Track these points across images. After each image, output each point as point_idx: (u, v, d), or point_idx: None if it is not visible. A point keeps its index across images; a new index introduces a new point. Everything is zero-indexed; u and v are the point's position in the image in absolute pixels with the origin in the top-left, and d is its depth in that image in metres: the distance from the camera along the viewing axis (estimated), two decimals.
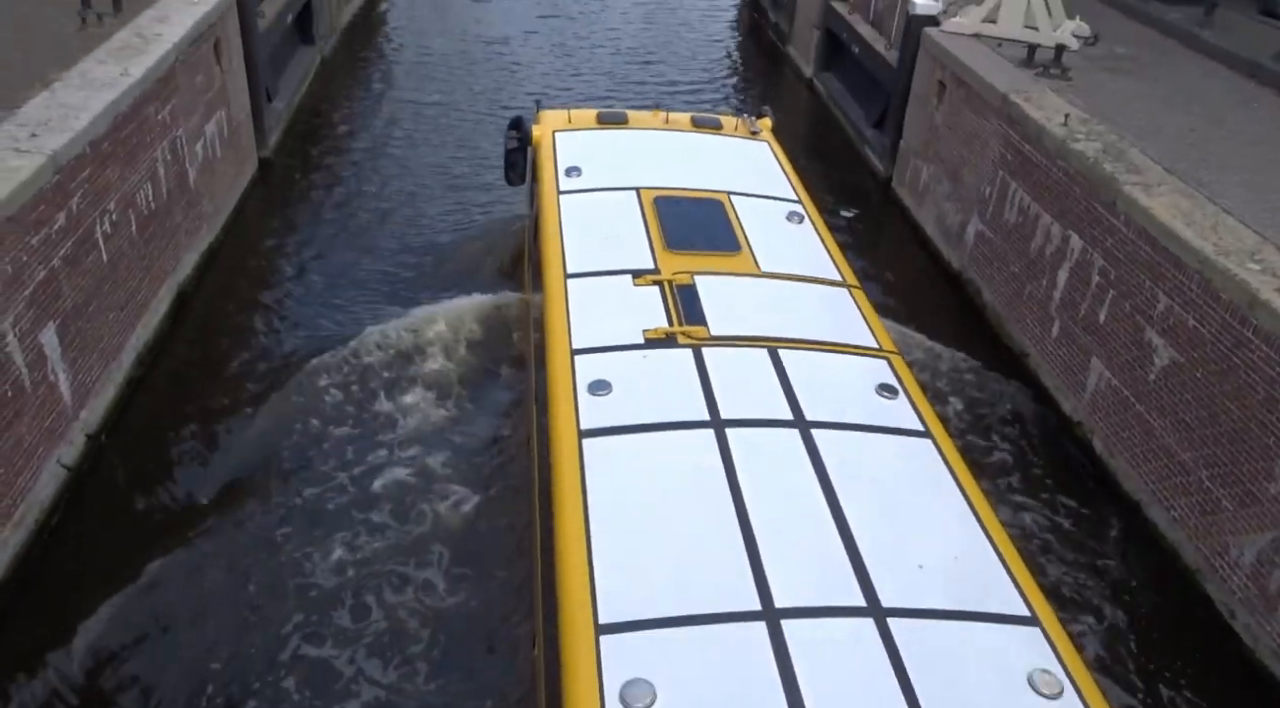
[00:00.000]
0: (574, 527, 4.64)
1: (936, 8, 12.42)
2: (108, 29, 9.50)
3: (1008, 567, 4.61)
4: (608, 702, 3.77)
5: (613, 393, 5.56)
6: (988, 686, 3.98)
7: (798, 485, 4.93)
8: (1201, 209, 7.80)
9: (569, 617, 4.24)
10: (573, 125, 9.04)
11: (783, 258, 7.16)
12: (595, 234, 7.26)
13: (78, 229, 7.45)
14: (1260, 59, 11.07)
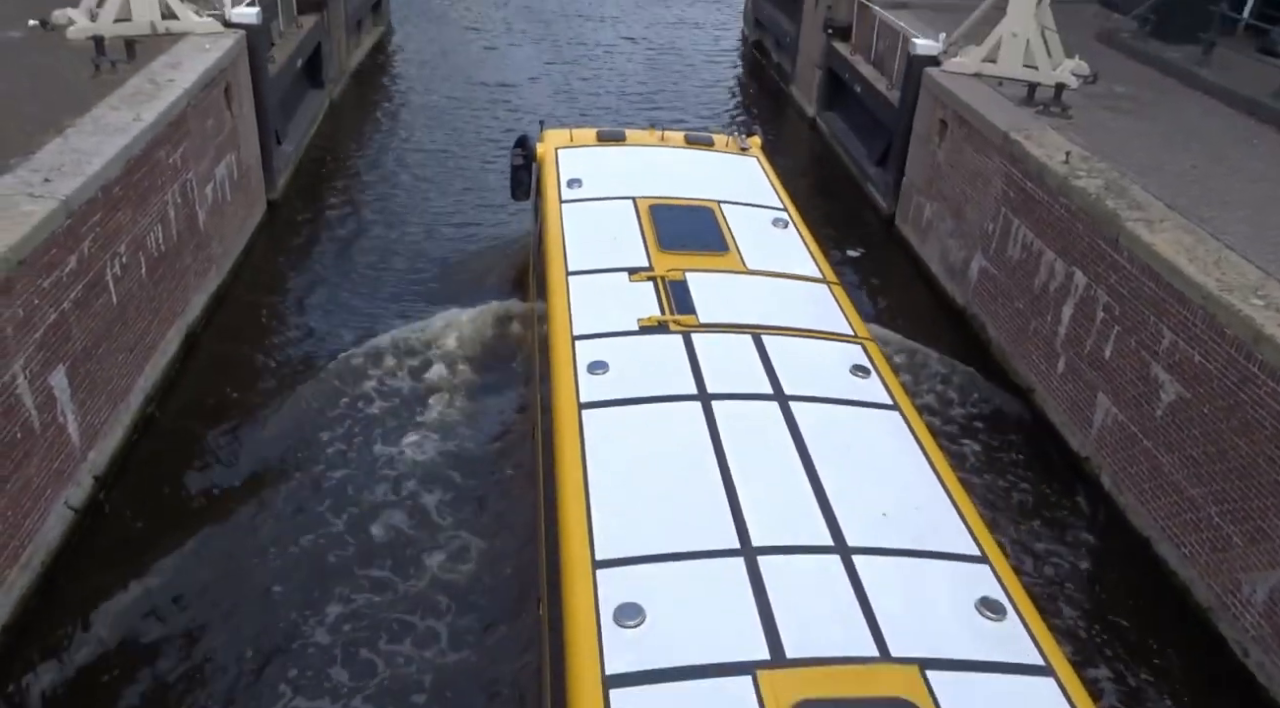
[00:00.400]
0: (574, 481, 5.15)
1: (937, 48, 12.56)
2: (121, 75, 9.67)
3: (963, 516, 5.10)
4: (603, 621, 4.28)
5: (610, 372, 6.06)
6: (940, 610, 4.47)
7: (775, 448, 5.43)
8: (1204, 245, 7.84)
9: (570, 554, 4.73)
10: (574, 143, 9.61)
11: (768, 257, 7.68)
12: (594, 237, 7.78)
13: (88, 272, 7.53)
14: (1259, 97, 11.17)
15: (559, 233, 7.91)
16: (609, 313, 6.73)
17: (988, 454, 9.04)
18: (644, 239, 7.67)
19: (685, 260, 7.35)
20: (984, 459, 8.96)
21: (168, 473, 8.13)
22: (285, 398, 9.20)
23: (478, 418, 8.92)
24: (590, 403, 5.78)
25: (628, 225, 7.90)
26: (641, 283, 7.07)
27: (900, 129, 13.26)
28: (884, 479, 5.36)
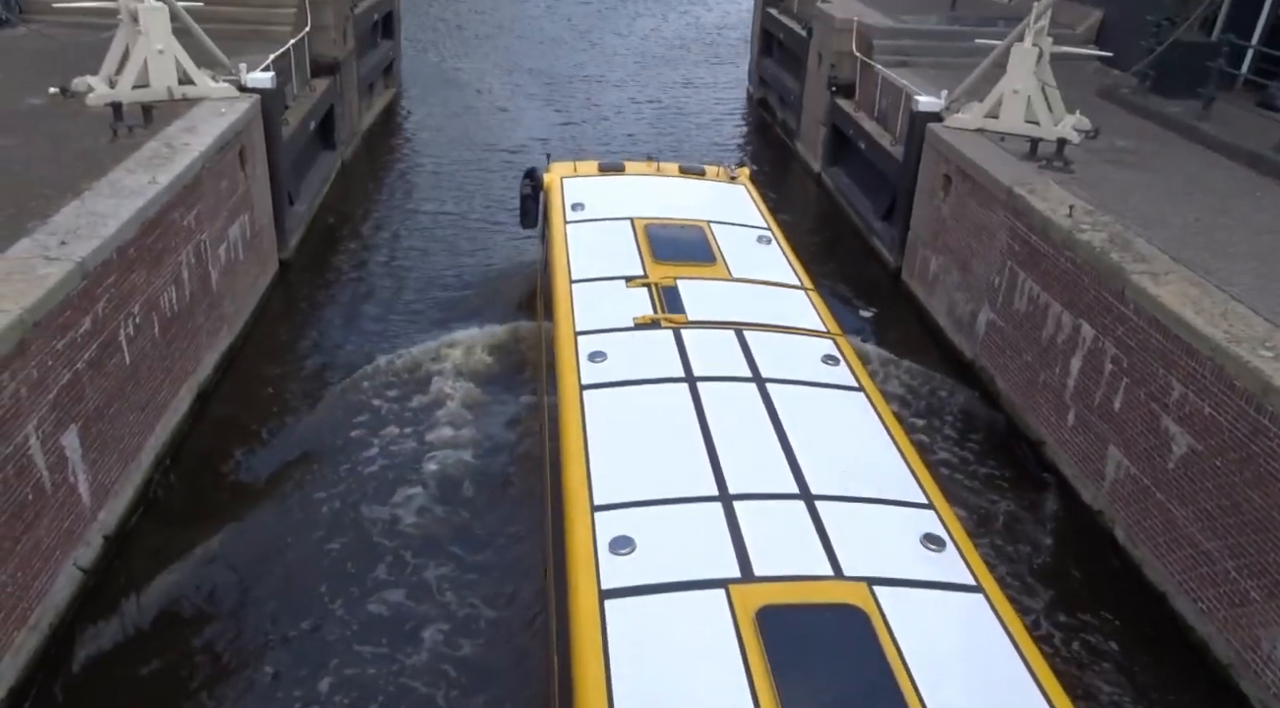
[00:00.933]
0: (576, 445, 5.98)
1: (939, 105, 12.74)
2: (138, 140, 9.87)
3: (913, 471, 5.94)
4: (600, 550, 5.05)
5: (608, 360, 6.88)
6: (888, 542, 5.27)
7: (752, 419, 6.23)
8: (1210, 297, 7.86)
9: (571, 500, 5.54)
10: (578, 173, 10.60)
11: (751, 268, 8.55)
12: (595, 251, 8.64)
13: (102, 333, 7.61)
14: (1261, 150, 11.26)
15: (564, 249, 8.77)
16: (608, 313, 7.55)
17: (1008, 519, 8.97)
18: (640, 252, 8.50)
19: (677, 270, 8.17)
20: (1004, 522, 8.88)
21: (177, 533, 8.11)
22: (298, 458, 9.22)
23: None
24: (590, 385, 6.60)
25: (625, 241, 8.73)
26: (637, 289, 7.88)
27: (905, 184, 13.40)
28: (846, 443, 6.19)
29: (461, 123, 20.02)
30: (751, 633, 4.52)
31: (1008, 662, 4.59)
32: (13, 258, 7.12)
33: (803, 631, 4.60)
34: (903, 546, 5.25)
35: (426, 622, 7.38)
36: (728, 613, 4.65)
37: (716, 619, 4.63)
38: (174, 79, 11.03)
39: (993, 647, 4.67)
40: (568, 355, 7.00)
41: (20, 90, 11.06)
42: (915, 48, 16.33)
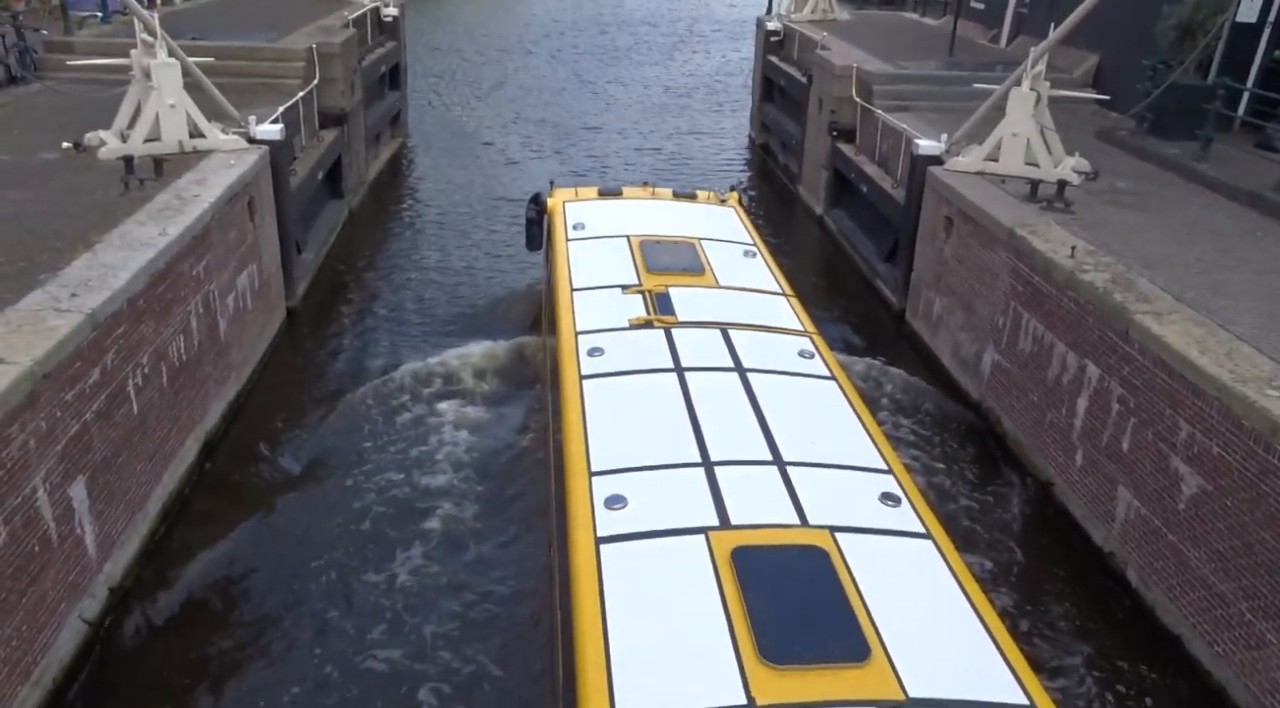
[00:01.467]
0: (575, 422, 6.76)
1: (939, 148, 12.87)
2: (149, 192, 10.01)
3: (875, 443, 6.71)
4: (596, 506, 5.79)
5: (605, 355, 7.69)
6: (850, 500, 5.96)
7: (733, 400, 7.01)
8: (1215, 336, 7.86)
9: (571, 466, 6.31)
10: (579, 198, 11.61)
11: (737, 277, 9.43)
12: (594, 264, 9.50)
13: (111, 383, 7.66)
14: (1261, 191, 11.32)
15: (565, 262, 9.66)
16: (605, 315, 8.39)
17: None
18: (635, 265, 9.39)
19: (668, 279, 9.03)
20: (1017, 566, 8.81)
21: (183, 584, 8.08)
22: (304, 509, 9.21)
23: None
24: (589, 375, 7.44)
25: (622, 256, 9.62)
26: (632, 295, 8.75)
27: (907, 226, 13.49)
28: (816, 421, 6.98)
29: (467, 173, 20.21)
30: (727, 569, 5.18)
31: (951, 595, 5.22)
32: (24, 310, 7.19)
33: (771, 566, 5.23)
34: (862, 501, 5.98)
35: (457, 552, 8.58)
36: (706, 553, 5.32)
37: (696, 559, 5.29)
38: (185, 132, 11.20)
39: (937, 582, 5.35)
40: (569, 351, 7.85)
41: (35, 145, 11.26)
42: (915, 92, 16.54)
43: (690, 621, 4.85)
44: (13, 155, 11.01)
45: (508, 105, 26.22)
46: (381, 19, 21.39)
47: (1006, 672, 4.64)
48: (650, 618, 4.93)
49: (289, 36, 16.67)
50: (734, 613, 4.84)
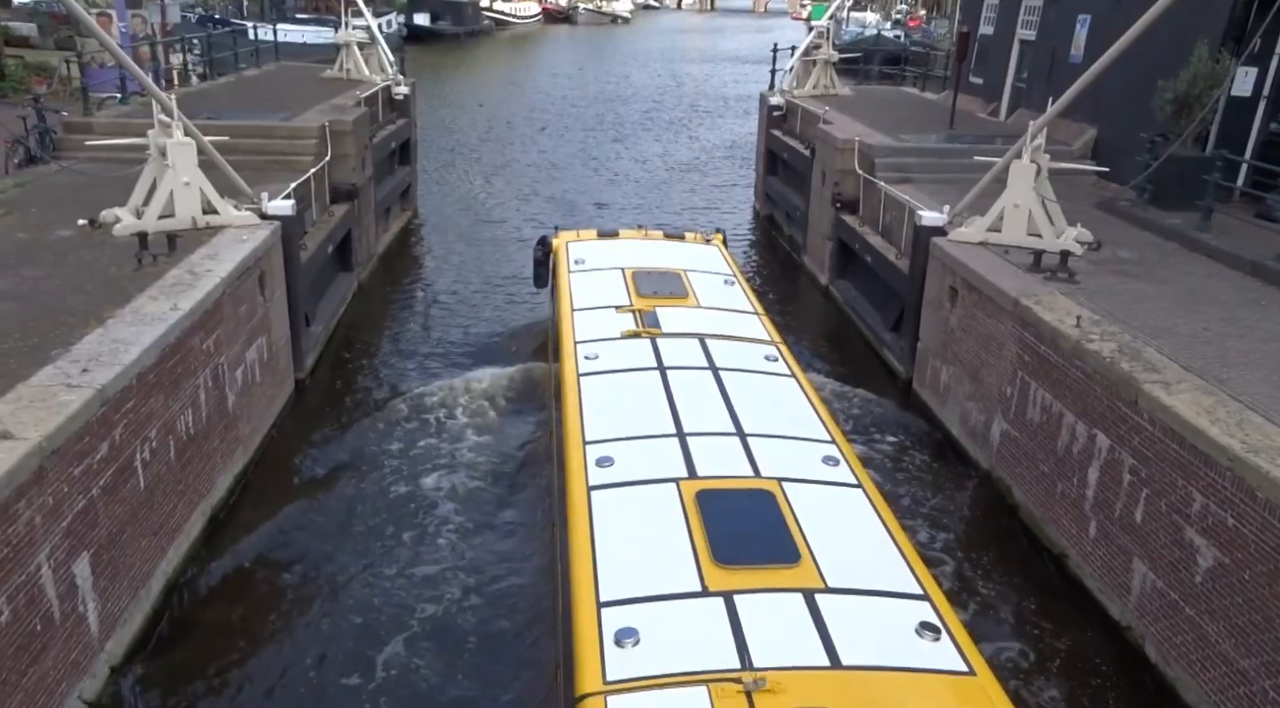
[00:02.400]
0: (573, 407, 8.16)
1: (942, 219, 13.01)
2: (162, 268, 10.13)
3: (824, 422, 8.12)
4: (589, 464, 7.10)
5: (599, 359, 9.06)
6: (797, 462, 7.24)
7: (706, 391, 8.39)
8: (1225, 406, 7.83)
9: (569, 437, 7.71)
10: (580, 239, 13.15)
11: (716, 300, 10.89)
12: (592, 290, 10.96)
13: (119, 458, 7.66)
14: (1264, 260, 11.40)
15: (567, 290, 11.09)
16: (600, 328, 9.80)
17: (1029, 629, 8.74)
18: (627, 290, 10.84)
19: (656, 301, 10.45)
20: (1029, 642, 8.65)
21: (184, 663, 7.96)
22: (308, 585, 9.12)
23: None
24: (585, 373, 8.77)
25: (616, 283, 11.10)
26: (624, 313, 10.16)
27: (912, 296, 13.57)
28: (776, 407, 8.31)
29: (475, 248, 20.32)
30: (692, 506, 6.40)
31: (872, 523, 6.52)
32: (35, 386, 7.24)
33: (728, 503, 6.44)
34: (807, 462, 7.25)
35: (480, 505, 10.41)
36: (676, 496, 6.57)
37: (669, 500, 6.54)
38: (198, 209, 11.39)
39: (862, 515, 6.62)
40: (569, 356, 9.22)
41: (51, 223, 11.45)
42: (916, 165, 16.79)
43: (660, 539, 6.10)
44: (29, 233, 11.19)
45: (515, 181, 26.58)
46: (393, 97, 21.89)
47: (908, 573, 5.94)
48: (629, 538, 6.22)
49: (303, 115, 17.04)
50: (695, 533, 6.07)
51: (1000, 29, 22.81)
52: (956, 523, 10.49)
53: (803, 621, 5.23)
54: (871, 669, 4.94)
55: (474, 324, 16.00)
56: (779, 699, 4.56)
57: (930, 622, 5.34)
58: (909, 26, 71.48)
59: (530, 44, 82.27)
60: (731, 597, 5.40)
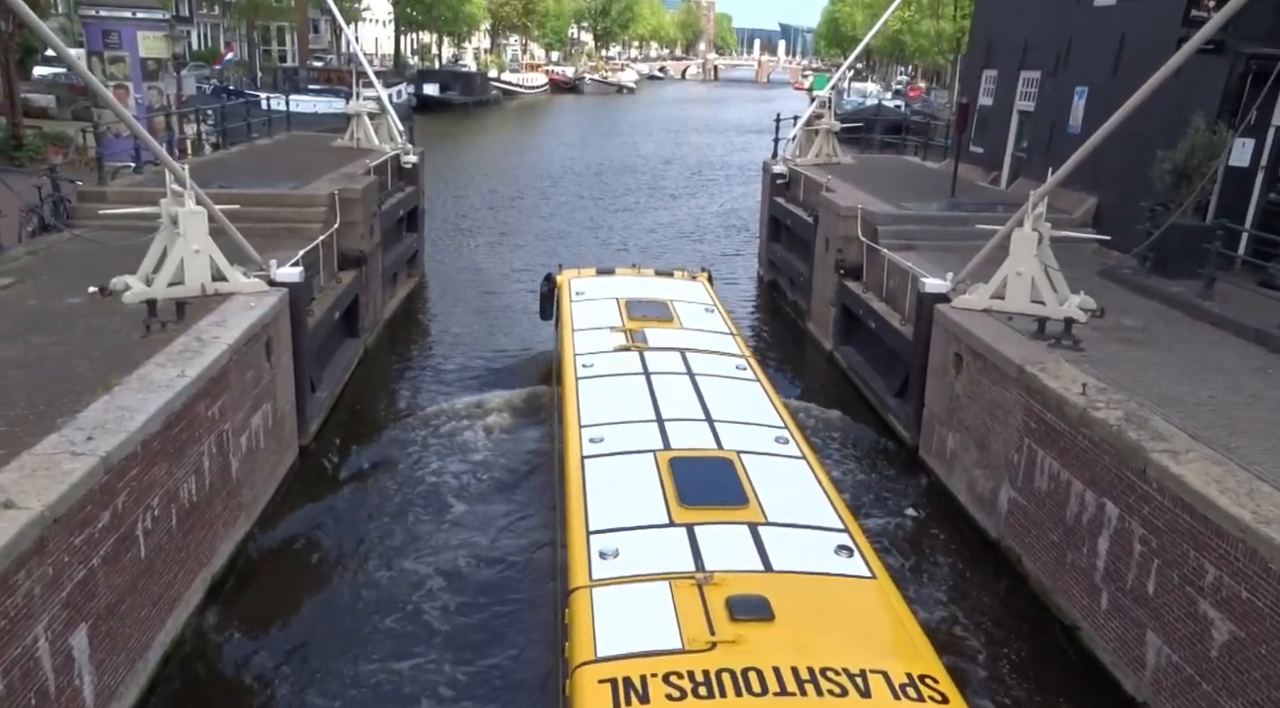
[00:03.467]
0: (571, 401, 9.66)
1: (945, 286, 13.08)
2: (170, 335, 10.19)
3: (780, 413, 9.62)
4: (584, 442, 8.50)
5: (595, 367, 10.56)
6: (754, 441, 8.66)
7: (682, 389, 9.89)
8: (1234, 476, 7.77)
9: (567, 424, 9.17)
10: (581, 275, 14.81)
11: (697, 324, 12.52)
12: (590, 315, 12.54)
13: (120, 526, 7.61)
14: (1268, 328, 11.41)
15: (569, 316, 12.59)
16: (596, 344, 11.33)
17: None
18: (621, 315, 12.40)
19: (645, 323, 12.07)
20: None
21: None
22: (308, 656, 8.98)
23: None
24: (582, 377, 10.28)
25: (611, 310, 12.64)
26: (617, 333, 11.72)
27: (917, 362, 13.58)
28: (740, 401, 9.85)
29: (479, 317, 20.27)
30: (666, 469, 7.80)
31: (813, 488, 7.94)
32: (40, 454, 7.23)
33: (695, 468, 7.85)
34: (762, 441, 8.74)
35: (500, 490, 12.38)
36: (653, 462, 7.97)
37: (646, 466, 7.94)
38: (208, 276, 11.51)
39: (803, 477, 8.12)
40: (569, 364, 10.74)
41: (61, 291, 11.56)
42: (919, 232, 16.96)
43: (637, 490, 7.55)
44: (40, 300, 11.29)
45: (522, 249, 26.70)
46: (402, 165, 22.25)
47: (834, 514, 7.44)
48: (613, 489, 7.64)
49: (313, 183, 17.32)
50: (666, 486, 7.52)
51: (999, 100, 23.24)
52: (965, 593, 10.35)
53: (746, 543, 6.72)
54: (795, 573, 6.43)
55: (478, 393, 15.91)
56: (722, 589, 6.00)
57: (845, 545, 6.86)
58: (909, 96, 72.91)
59: (537, 113, 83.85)
60: (692, 527, 6.87)
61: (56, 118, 34.86)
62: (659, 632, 5.64)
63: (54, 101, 37.05)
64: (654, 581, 6.16)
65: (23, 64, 37.53)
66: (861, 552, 6.77)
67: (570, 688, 5.41)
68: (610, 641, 5.58)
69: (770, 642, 5.50)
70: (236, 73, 59.80)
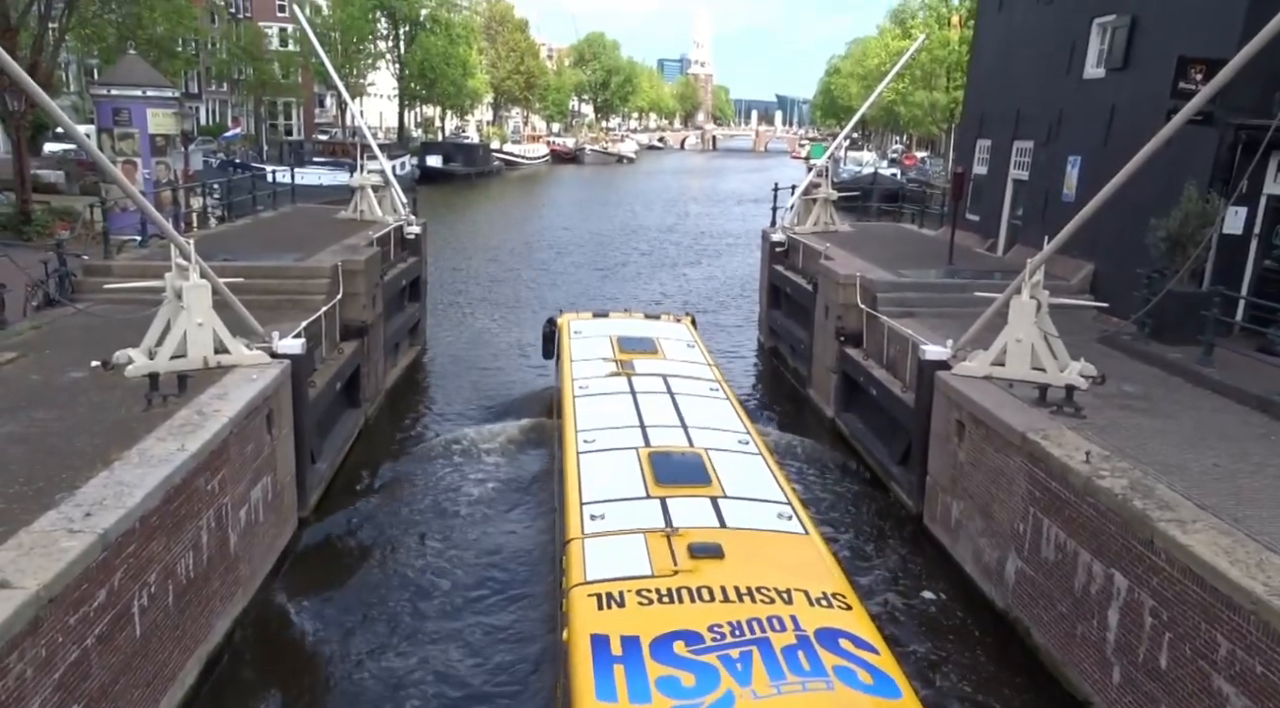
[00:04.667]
0: (569, 415, 11.19)
1: (946, 353, 13.12)
2: (171, 408, 10.20)
3: (743, 422, 11.36)
4: (578, 442, 10.16)
5: (589, 388, 12.25)
6: (721, 440, 10.34)
7: (662, 403, 11.59)
8: (1243, 546, 7.69)
9: (565, 431, 10.81)
10: (579, 318, 16.84)
11: (678, 356, 14.31)
12: (586, 349, 14.34)
13: (116, 604, 7.51)
14: (1269, 395, 11.40)
15: (568, 350, 14.37)
16: (590, 371, 13.08)
17: None
18: (613, 349, 14.21)
19: (633, 355, 13.86)
20: None
21: None
22: None
23: None
24: (579, 395, 11.98)
25: (605, 345, 14.46)
26: (609, 362, 13.49)
27: (919, 430, 13.54)
28: (712, 414, 11.47)
29: (481, 389, 20.05)
30: (646, 462, 9.39)
31: (766, 475, 9.58)
32: (37, 532, 7.17)
33: (670, 462, 9.40)
34: (728, 442, 10.41)
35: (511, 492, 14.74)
36: (636, 459, 9.53)
37: (630, 461, 9.50)
38: (210, 349, 11.56)
39: (759, 469, 9.74)
40: (567, 387, 12.44)
41: (64, 365, 11.61)
42: (917, 299, 17.08)
43: (621, 475, 9.17)
44: (42, 375, 11.33)
45: (523, 321, 26.30)
46: (405, 236, 22.52)
47: (781, 492, 9.12)
48: (601, 474, 9.26)
49: (316, 255, 17.50)
50: (645, 472, 9.15)
51: (994, 169, 23.61)
52: (974, 667, 10.15)
53: (707, 510, 8.41)
54: (744, 530, 8.11)
55: (479, 466, 15.79)
56: (685, 539, 7.65)
57: (786, 513, 8.58)
58: (905, 164, 74.04)
59: (539, 183, 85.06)
60: (665, 500, 8.53)
61: (65, 193, 35.40)
62: (634, 565, 7.35)
63: (63, 177, 37.65)
64: (632, 534, 7.88)
65: (34, 141, 38.24)
66: (799, 517, 8.53)
67: (566, 605, 7.08)
68: (596, 569, 7.33)
69: (720, 572, 7.17)
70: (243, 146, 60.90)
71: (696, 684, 5.85)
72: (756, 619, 6.49)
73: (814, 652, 6.22)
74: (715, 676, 5.92)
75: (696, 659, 6.09)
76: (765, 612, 6.59)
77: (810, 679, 5.94)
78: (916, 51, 45.49)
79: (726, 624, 6.43)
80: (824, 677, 5.98)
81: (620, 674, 5.96)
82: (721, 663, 6.05)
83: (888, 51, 73.40)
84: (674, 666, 6.03)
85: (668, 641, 6.26)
